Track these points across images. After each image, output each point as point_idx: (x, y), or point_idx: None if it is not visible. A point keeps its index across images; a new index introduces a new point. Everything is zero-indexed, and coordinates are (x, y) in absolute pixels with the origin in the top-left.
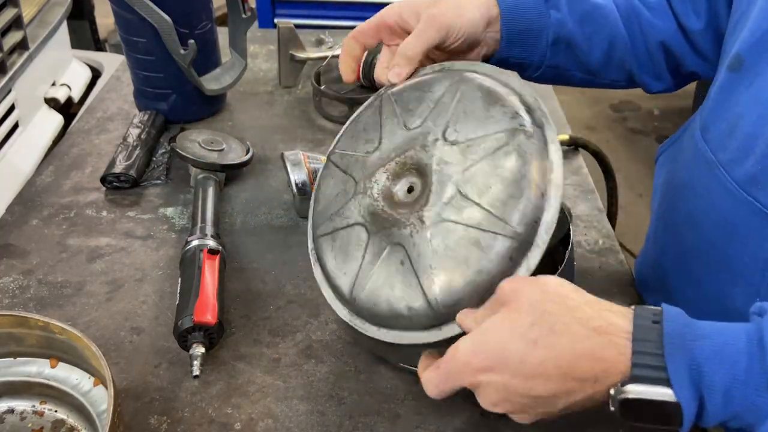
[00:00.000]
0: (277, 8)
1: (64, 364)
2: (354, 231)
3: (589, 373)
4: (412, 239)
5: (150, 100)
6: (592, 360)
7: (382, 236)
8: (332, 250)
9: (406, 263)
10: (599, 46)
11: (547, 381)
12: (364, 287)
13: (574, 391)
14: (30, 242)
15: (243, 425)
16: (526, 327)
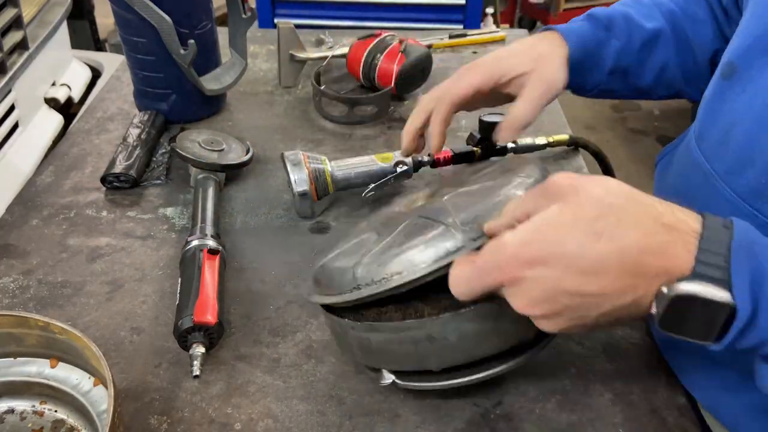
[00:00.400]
0: (277, 8)
1: (64, 364)
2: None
3: (651, 270)
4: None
5: (150, 100)
6: (659, 256)
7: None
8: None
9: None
10: (651, 71)
11: (603, 277)
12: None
13: (628, 291)
14: (30, 242)
15: (243, 425)
16: (590, 219)
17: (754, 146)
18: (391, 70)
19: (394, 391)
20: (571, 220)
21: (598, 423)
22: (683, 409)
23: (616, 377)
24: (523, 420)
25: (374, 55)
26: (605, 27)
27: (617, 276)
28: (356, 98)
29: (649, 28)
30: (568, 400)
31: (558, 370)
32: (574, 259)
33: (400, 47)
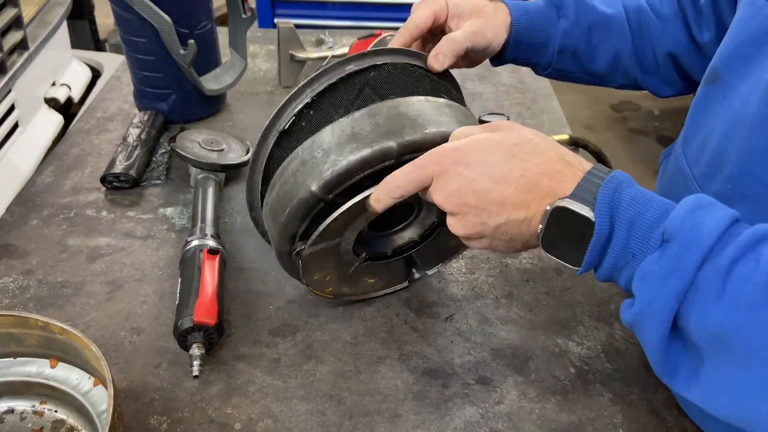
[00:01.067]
0: (277, 8)
1: (64, 364)
2: None
3: (543, 190)
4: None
5: (150, 100)
6: (551, 178)
7: None
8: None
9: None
10: (604, 56)
11: (506, 187)
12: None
13: (522, 206)
14: (30, 242)
15: (243, 425)
16: (510, 144)
17: (725, 153)
18: None
19: (394, 391)
20: (497, 141)
21: (598, 423)
22: (683, 409)
23: (616, 377)
24: (523, 420)
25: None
26: (556, 6)
27: (517, 189)
28: None
29: (601, 11)
30: (568, 400)
31: (558, 370)
32: (488, 167)
33: None
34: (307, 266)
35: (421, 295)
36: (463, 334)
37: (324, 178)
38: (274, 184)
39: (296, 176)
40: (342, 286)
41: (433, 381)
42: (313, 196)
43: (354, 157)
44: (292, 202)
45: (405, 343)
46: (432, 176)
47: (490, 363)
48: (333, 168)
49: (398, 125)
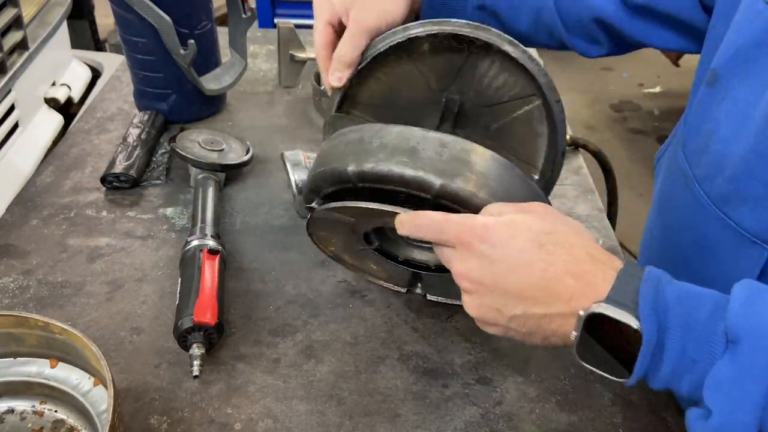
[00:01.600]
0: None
1: (64, 364)
2: None
3: (567, 292)
4: None
5: (150, 100)
6: (578, 280)
7: None
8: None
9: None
10: (525, 16)
11: (526, 277)
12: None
13: (541, 303)
14: (30, 242)
15: (243, 425)
16: (540, 231)
17: (727, 154)
18: None
19: (394, 391)
20: (527, 226)
21: (598, 423)
22: (683, 409)
23: None
24: (523, 420)
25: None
26: None
27: (537, 282)
28: None
29: None
30: (568, 400)
31: (558, 370)
32: (512, 251)
33: None
34: (316, 223)
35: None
36: (463, 334)
37: (362, 167)
38: (334, 137)
39: (347, 146)
40: (344, 254)
41: (433, 381)
42: (345, 173)
43: (397, 169)
44: (329, 166)
45: (405, 343)
46: (455, 243)
47: (490, 363)
48: (374, 165)
49: (455, 170)
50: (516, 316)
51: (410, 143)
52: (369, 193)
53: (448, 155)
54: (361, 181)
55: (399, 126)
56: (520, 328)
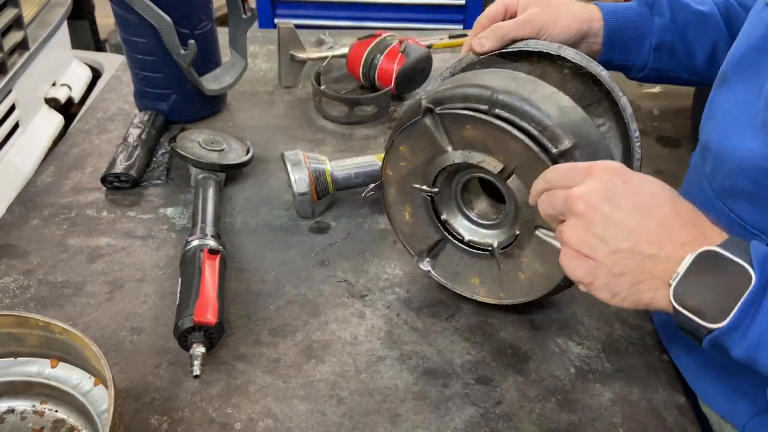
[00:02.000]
0: (277, 8)
1: (65, 364)
2: None
3: (688, 235)
4: None
5: (150, 100)
6: (696, 228)
7: None
8: None
9: None
10: (703, 51)
11: (651, 215)
12: None
13: (656, 242)
14: (30, 242)
15: (243, 425)
16: (670, 188)
17: (724, 151)
18: (391, 70)
19: (394, 391)
20: (651, 179)
21: (598, 423)
22: (683, 409)
23: (616, 377)
24: (523, 420)
25: (374, 55)
26: (648, 5)
27: (660, 224)
28: (356, 98)
29: (695, 9)
30: (568, 400)
31: (558, 370)
32: (643, 191)
33: (400, 47)
34: (417, 130)
35: (421, 295)
36: (463, 334)
37: (511, 100)
38: (489, 70)
39: (503, 79)
40: (395, 185)
41: (433, 381)
42: (492, 97)
43: (541, 116)
44: (476, 84)
45: (405, 343)
46: (586, 175)
47: (490, 363)
48: (523, 104)
49: (587, 144)
50: (620, 250)
51: (560, 103)
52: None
53: (586, 130)
54: (502, 108)
55: (554, 88)
56: (614, 267)
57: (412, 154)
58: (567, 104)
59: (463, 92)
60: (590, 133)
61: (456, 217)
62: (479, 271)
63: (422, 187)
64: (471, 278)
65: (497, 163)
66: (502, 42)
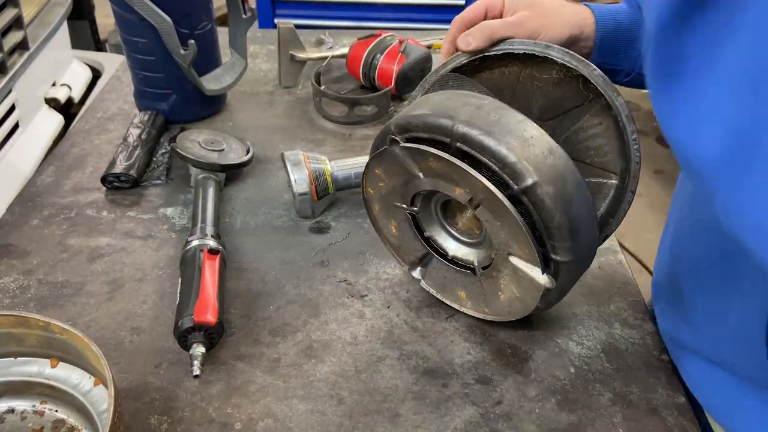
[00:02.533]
0: (277, 8)
1: (65, 364)
2: None
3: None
4: None
5: (150, 100)
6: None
7: None
8: None
9: None
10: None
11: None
12: None
13: None
14: (30, 242)
15: (243, 425)
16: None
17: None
18: (391, 70)
19: (394, 391)
20: None
21: (598, 423)
22: (683, 409)
23: (616, 377)
24: (523, 420)
25: (374, 55)
26: (640, 8)
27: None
28: (356, 98)
29: None
30: (568, 400)
31: (558, 370)
32: None
33: (400, 47)
34: (385, 157)
35: (421, 295)
36: (462, 334)
37: (470, 132)
38: (452, 93)
39: (465, 107)
40: (378, 202)
41: (433, 381)
42: (452, 129)
43: (505, 151)
44: (438, 115)
45: (405, 343)
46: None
47: (490, 363)
48: (485, 137)
49: (553, 178)
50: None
51: (525, 134)
52: (458, 157)
53: (552, 162)
54: (463, 142)
55: (522, 116)
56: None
57: (387, 177)
58: (533, 134)
59: (426, 121)
60: (557, 166)
61: (440, 234)
62: (464, 286)
63: (402, 205)
64: (458, 291)
65: (465, 194)
66: (489, 41)
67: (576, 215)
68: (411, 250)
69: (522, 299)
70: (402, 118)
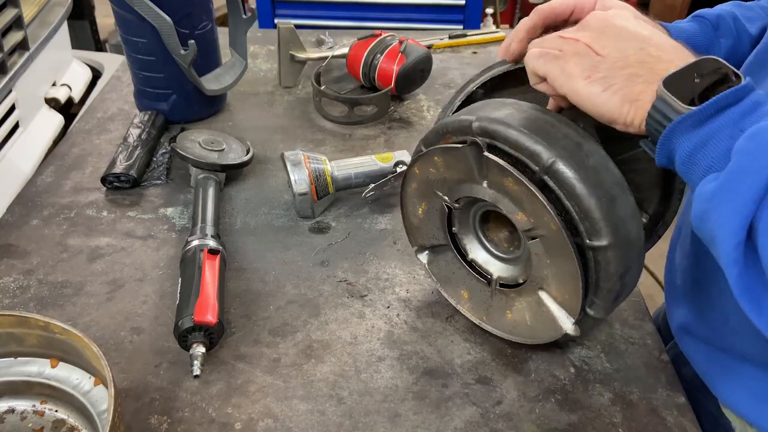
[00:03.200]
0: (277, 8)
1: (65, 364)
2: None
3: (689, 52)
4: None
5: (150, 100)
6: (680, 49)
7: None
8: None
9: None
10: None
11: (657, 36)
12: None
13: (664, 48)
14: (30, 242)
15: (243, 425)
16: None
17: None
18: (391, 70)
19: (394, 391)
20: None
21: (598, 423)
22: (683, 409)
23: (616, 377)
24: (523, 420)
25: (374, 55)
26: (713, 26)
27: (665, 40)
28: (356, 98)
29: (754, 32)
30: (567, 400)
31: (558, 370)
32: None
33: (400, 47)
34: (448, 151)
35: (421, 295)
36: (462, 334)
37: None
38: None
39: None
40: (425, 180)
41: (433, 381)
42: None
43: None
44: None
45: (405, 343)
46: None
47: (490, 363)
48: (492, 116)
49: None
50: (629, 47)
51: (615, 191)
52: (538, 186)
53: (629, 228)
54: (551, 178)
55: (618, 171)
56: (619, 61)
57: (445, 168)
58: (621, 194)
59: (519, 141)
60: (631, 233)
61: (467, 235)
62: (470, 288)
63: (445, 197)
64: (461, 289)
65: (526, 222)
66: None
67: (628, 282)
68: (428, 236)
69: (532, 328)
70: (489, 121)
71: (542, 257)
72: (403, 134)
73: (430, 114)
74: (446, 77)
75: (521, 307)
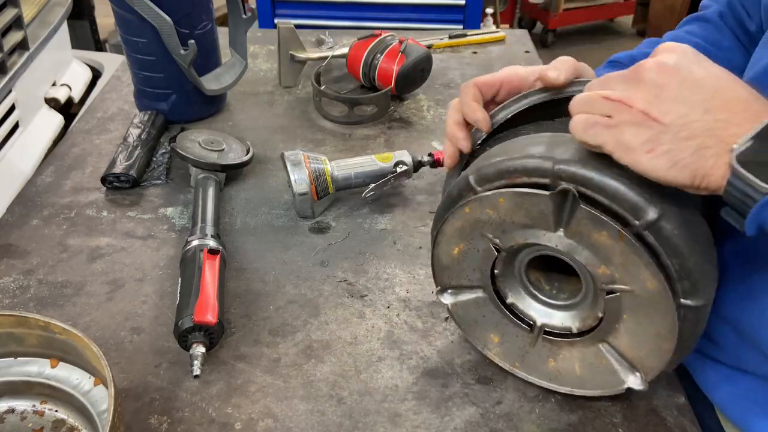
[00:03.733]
0: (277, 8)
1: (65, 364)
2: None
3: (760, 105)
4: None
5: (150, 100)
6: (749, 103)
7: None
8: None
9: None
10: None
11: (723, 88)
12: None
13: (732, 109)
14: (30, 242)
15: (243, 425)
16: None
17: None
18: (391, 70)
19: (394, 391)
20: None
21: (598, 423)
22: (683, 409)
23: None
24: (523, 420)
25: (374, 55)
26: (742, 44)
27: (731, 94)
28: (356, 98)
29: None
30: (567, 400)
31: None
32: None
33: (400, 47)
34: (524, 196)
35: (421, 295)
36: (462, 334)
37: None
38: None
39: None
40: (475, 221)
41: (433, 381)
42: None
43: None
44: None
45: (405, 343)
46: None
47: (489, 363)
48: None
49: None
50: (693, 113)
51: (707, 249)
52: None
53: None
54: (655, 235)
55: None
56: (682, 130)
57: (507, 212)
58: (707, 246)
59: (618, 193)
60: (709, 288)
61: (509, 278)
62: (503, 332)
63: (495, 240)
64: (491, 333)
65: (607, 276)
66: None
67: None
68: (459, 277)
69: (581, 379)
70: (574, 164)
71: (617, 313)
72: (403, 134)
73: (430, 114)
74: (446, 77)
75: (569, 357)
